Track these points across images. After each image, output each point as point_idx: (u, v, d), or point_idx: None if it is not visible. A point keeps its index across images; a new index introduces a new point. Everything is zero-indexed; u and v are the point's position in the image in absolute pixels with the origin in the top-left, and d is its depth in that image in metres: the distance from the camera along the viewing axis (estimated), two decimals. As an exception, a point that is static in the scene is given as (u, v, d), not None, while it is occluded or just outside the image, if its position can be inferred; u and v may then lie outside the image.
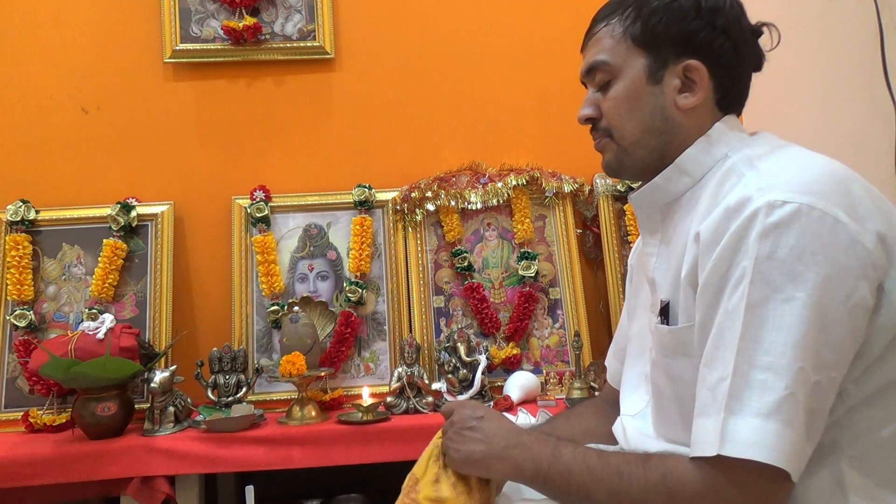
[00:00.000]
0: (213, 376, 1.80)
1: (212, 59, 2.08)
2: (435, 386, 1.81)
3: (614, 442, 1.08)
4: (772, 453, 0.72)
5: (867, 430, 0.78)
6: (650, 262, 0.98)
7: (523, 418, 1.64)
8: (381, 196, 2.06)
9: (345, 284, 1.98)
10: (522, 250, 2.03)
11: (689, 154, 0.92)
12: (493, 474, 0.96)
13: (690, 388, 0.85)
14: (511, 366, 1.94)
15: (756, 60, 0.96)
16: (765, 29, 0.97)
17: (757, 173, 0.82)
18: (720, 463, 0.75)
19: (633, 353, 1.07)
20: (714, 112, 0.94)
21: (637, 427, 0.98)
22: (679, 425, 0.88)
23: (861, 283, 0.75)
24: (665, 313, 0.89)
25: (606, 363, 1.23)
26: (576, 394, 1.74)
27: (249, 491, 1.25)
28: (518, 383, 1.83)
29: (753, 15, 0.99)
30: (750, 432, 0.73)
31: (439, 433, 1.02)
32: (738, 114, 0.98)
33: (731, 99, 0.95)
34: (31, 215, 1.94)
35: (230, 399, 1.77)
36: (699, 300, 0.81)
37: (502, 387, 1.87)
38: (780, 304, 0.74)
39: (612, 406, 1.14)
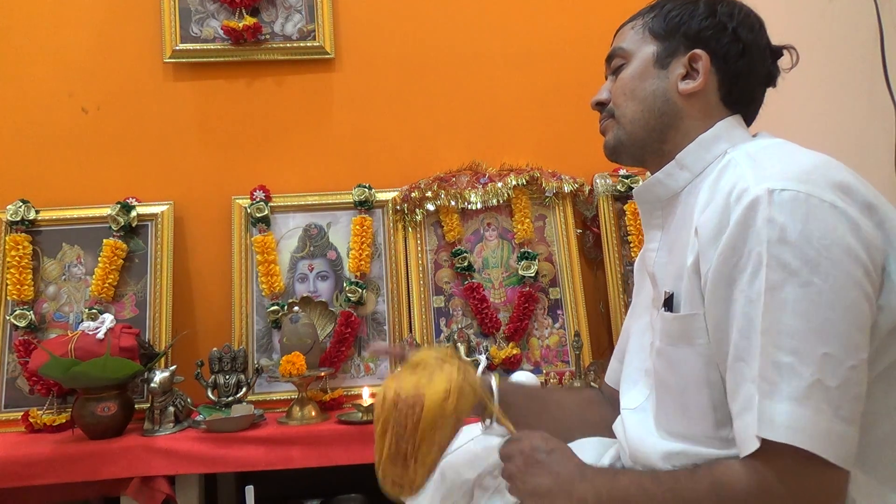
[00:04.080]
0: (213, 376, 1.80)
1: (212, 59, 2.08)
2: (435, 386, 1.81)
3: (603, 425, 1.09)
4: (810, 440, 0.72)
5: (866, 426, 0.78)
6: (651, 258, 1.00)
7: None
8: (381, 196, 2.06)
9: (345, 284, 1.98)
10: (522, 250, 2.03)
11: (689, 150, 0.95)
12: None
13: (692, 377, 0.86)
14: (511, 366, 1.94)
15: (768, 75, 1.00)
16: (785, 52, 1.01)
17: (753, 165, 0.85)
18: (765, 457, 0.75)
19: (632, 350, 1.08)
20: (718, 106, 0.97)
21: (636, 420, 0.98)
22: (680, 416, 0.89)
23: (869, 266, 0.76)
24: (669, 304, 0.90)
25: (610, 365, 1.23)
26: (576, 394, 1.74)
27: (249, 491, 1.25)
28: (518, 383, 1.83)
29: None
30: (786, 416, 0.73)
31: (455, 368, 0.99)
32: (746, 118, 1.01)
33: (735, 97, 0.97)
34: (31, 215, 1.94)
35: (230, 399, 1.77)
36: (711, 293, 0.82)
37: (502, 387, 1.87)
38: (798, 288, 0.74)
39: (609, 398, 1.17)
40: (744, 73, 0.97)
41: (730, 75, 0.96)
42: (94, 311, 1.87)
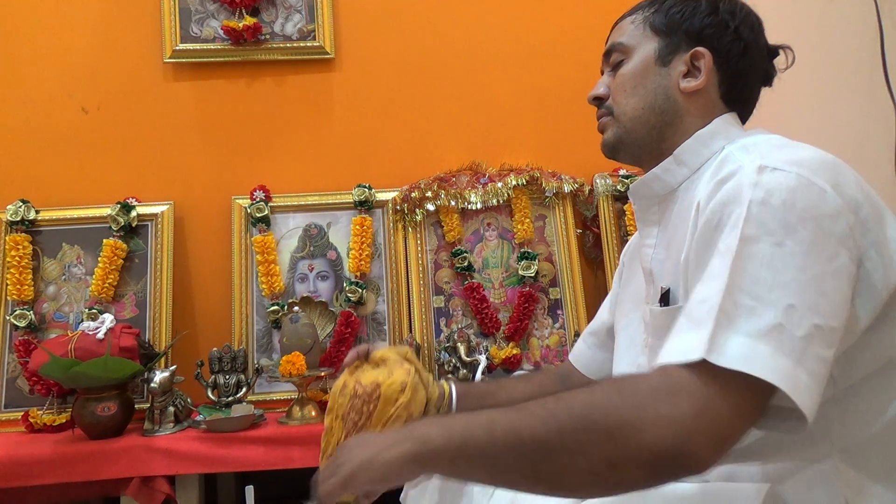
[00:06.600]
0: (213, 376, 1.81)
1: (212, 59, 2.08)
2: (435, 386, 1.81)
3: None
4: (764, 370, 0.66)
5: (856, 423, 0.78)
6: (648, 253, 0.99)
7: None
8: (381, 196, 2.06)
9: (345, 284, 1.98)
10: (522, 250, 2.03)
11: (687, 146, 0.95)
12: (392, 468, 0.78)
13: None
14: (511, 366, 1.94)
15: (765, 74, 0.99)
16: (781, 51, 1.01)
17: (748, 153, 0.84)
18: (705, 371, 0.68)
19: (621, 347, 1.07)
20: (717, 104, 0.96)
21: None
22: None
23: (842, 252, 0.74)
24: (665, 299, 0.89)
25: (576, 345, 1.23)
26: (576, 394, 1.74)
27: (249, 491, 1.24)
28: (518, 383, 1.83)
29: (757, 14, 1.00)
30: (738, 348, 0.67)
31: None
32: (742, 115, 1.00)
33: (735, 96, 0.97)
34: (31, 215, 1.94)
35: (230, 399, 1.77)
36: (692, 261, 0.80)
37: (502, 387, 1.87)
38: (771, 247, 0.72)
39: (563, 380, 1.17)
40: (744, 72, 0.96)
41: (730, 74, 0.95)
42: (94, 311, 1.87)
